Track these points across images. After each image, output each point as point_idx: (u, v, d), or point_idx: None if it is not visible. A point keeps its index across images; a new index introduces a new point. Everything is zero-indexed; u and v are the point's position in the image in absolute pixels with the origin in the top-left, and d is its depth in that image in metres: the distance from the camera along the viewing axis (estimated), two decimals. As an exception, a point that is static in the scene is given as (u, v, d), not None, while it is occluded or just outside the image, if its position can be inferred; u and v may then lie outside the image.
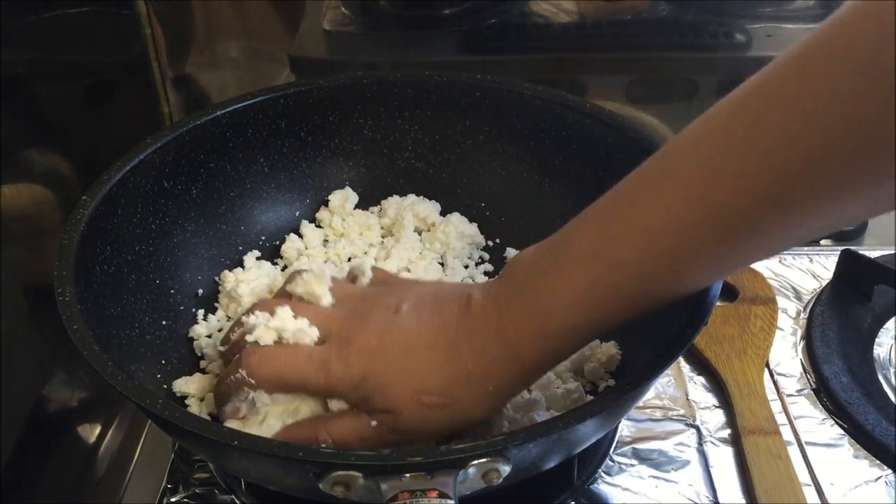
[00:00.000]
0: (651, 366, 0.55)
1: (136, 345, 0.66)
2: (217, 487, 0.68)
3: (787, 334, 0.81)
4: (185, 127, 0.73)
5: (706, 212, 0.46)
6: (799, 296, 0.85)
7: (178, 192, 0.73)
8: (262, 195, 0.79)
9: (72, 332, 0.56)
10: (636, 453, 0.70)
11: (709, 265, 0.50)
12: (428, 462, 0.49)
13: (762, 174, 0.43)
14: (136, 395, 0.53)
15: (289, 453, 0.50)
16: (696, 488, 0.68)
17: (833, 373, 0.75)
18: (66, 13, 0.91)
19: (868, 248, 0.88)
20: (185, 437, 0.57)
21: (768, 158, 0.43)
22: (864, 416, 0.71)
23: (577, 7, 1.02)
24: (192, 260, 0.74)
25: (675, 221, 0.47)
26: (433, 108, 0.80)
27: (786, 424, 0.72)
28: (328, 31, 1.04)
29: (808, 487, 0.67)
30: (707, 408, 0.74)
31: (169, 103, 1.04)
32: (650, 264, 0.49)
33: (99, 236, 0.65)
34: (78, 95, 0.97)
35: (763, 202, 0.44)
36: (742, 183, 0.44)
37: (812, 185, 0.42)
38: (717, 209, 0.45)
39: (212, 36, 1.04)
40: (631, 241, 0.49)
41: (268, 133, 0.77)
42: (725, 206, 0.45)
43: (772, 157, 0.42)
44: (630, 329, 0.68)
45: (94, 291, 0.62)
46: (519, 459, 0.51)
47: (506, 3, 1.03)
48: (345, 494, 0.50)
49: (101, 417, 0.80)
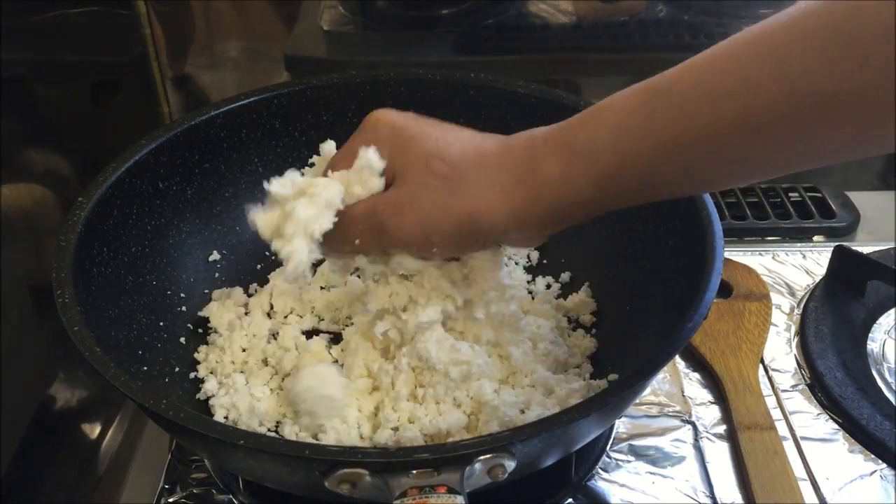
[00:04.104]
0: (653, 359, 0.56)
1: (134, 346, 0.66)
2: (214, 487, 0.68)
3: (782, 330, 0.81)
4: (180, 127, 0.74)
5: (722, 132, 0.47)
6: (793, 292, 0.86)
7: (173, 193, 0.74)
8: (257, 195, 0.78)
9: (72, 333, 0.56)
10: (633, 450, 0.71)
11: (716, 175, 0.52)
12: (435, 458, 0.49)
13: (782, 101, 0.45)
14: (139, 396, 0.54)
15: (295, 451, 0.50)
16: (692, 484, 0.68)
17: (827, 368, 0.75)
18: (66, 13, 0.91)
19: (861, 243, 0.89)
20: (189, 437, 0.57)
21: (791, 88, 0.44)
22: (858, 410, 0.72)
23: (573, 8, 1.03)
24: (189, 261, 0.75)
25: (691, 135, 0.48)
26: (427, 107, 0.79)
27: (781, 420, 0.73)
28: (326, 31, 1.05)
29: (804, 482, 0.67)
30: (703, 404, 0.75)
31: (168, 103, 1.05)
32: (659, 165, 0.51)
33: (96, 238, 0.65)
34: (78, 95, 0.97)
35: (775, 127, 0.46)
36: (759, 109, 0.46)
37: (827, 117, 0.44)
38: (731, 132, 0.47)
39: (211, 36, 1.05)
40: (644, 143, 0.50)
41: (262, 133, 0.78)
42: (740, 129, 0.47)
43: (794, 88, 0.44)
44: (631, 325, 0.69)
45: (93, 293, 0.63)
46: (523, 455, 0.51)
47: (503, 4, 1.04)
48: (351, 492, 0.50)
49: (100, 417, 0.81)
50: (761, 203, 0.98)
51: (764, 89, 0.45)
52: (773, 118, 0.45)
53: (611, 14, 1.03)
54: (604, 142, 0.51)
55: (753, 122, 0.46)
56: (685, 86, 0.49)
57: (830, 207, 0.97)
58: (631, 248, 0.73)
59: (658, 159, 0.50)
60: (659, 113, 0.49)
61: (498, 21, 1.03)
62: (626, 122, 0.51)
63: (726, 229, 0.66)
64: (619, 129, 0.51)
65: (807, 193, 0.99)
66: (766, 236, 0.95)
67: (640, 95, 0.51)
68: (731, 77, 0.46)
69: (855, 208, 0.97)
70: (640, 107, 0.50)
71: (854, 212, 0.96)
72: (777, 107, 0.45)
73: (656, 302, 0.68)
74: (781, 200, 0.98)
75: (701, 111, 0.47)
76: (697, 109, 0.48)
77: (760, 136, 0.46)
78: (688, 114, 0.48)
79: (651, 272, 0.70)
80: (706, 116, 0.47)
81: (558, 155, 0.53)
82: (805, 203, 0.98)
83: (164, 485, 0.69)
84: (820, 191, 0.99)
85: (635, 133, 0.50)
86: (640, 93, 0.51)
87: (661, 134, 0.49)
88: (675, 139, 0.49)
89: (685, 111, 0.48)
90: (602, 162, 0.52)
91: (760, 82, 0.45)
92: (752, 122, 0.46)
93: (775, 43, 0.45)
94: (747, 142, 0.47)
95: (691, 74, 0.49)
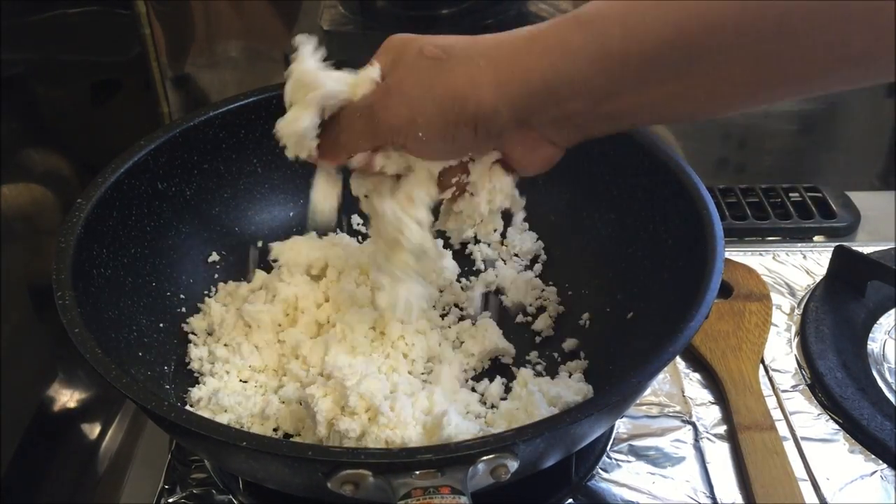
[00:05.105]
0: (654, 360, 0.56)
1: (135, 347, 0.66)
2: (214, 487, 0.68)
3: (782, 330, 0.81)
4: (178, 128, 0.74)
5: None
6: (793, 292, 0.86)
7: (172, 194, 0.74)
8: (256, 196, 0.80)
9: (73, 335, 0.56)
10: (633, 450, 0.71)
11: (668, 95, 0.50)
12: (438, 459, 0.49)
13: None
14: (141, 397, 0.54)
15: (298, 452, 0.51)
16: (692, 484, 0.68)
17: (827, 368, 0.75)
18: (66, 13, 0.91)
19: (861, 244, 0.89)
20: (191, 439, 0.57)
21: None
22: (858, 410, 0.72)
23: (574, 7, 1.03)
24: (188, 262, 0.75)
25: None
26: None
27: (781, 420, 0.73)
28: (326, 30, 1.05)
29: (804, 482, 0.67)
30: (703, 404, 0.75)
31: (168, 103, 1.05)
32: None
33: (95, 239, 0.65)
34: (78, 95, 0.97)
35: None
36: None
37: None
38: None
39: (211, 36, 1.05)
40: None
41: (260, 133, 0.77)
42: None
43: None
44: (632, 326, 0.69)
45: (93, 295, 0.63)
46: (526, 455, 0.51)
47: (503, 4, 1.04)
48: (354, 493, 0.50)
49: (100, 417, 0.81)
50: (761, 203, 0.98)
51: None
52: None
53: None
54: (613, 13, 0.49)
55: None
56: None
57: (831, 207, 0.97)
58: (631, 248, 0.73)
59: (668, 43, 0.48)
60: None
61: (498, 21, 1.03)
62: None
63: (726, 229, 0.66)
64: (630, 6, 0.49)
65: (807, 193, 0.99)
66: (767, 236, 0.94)
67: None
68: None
69: (855, 208, 0.97)
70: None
71: (854, 212, 0.96)
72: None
73: (657, 302, 0.68)
74: (782, 200, 0.98)
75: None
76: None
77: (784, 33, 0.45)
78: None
79: (651, 272, 0.70)
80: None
81: (560, 25, 0.51)
82: (805, 203, 0.98)
83: (163, 485, 0.69)
84: (820, 191, 0.99)
85: (649, 11, 0.48)
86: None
87: (676, 13, 0.47)
88: (691, 20, 0.47)
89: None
90: (608, 34, 0.49)
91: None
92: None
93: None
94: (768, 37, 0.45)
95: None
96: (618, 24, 0.49)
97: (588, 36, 0.50)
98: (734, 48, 0.46)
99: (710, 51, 0.47)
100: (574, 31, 0.51)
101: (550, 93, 0.52)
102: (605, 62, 0.50)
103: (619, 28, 0.49)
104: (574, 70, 0.50)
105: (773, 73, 0.47)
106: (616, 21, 0.49)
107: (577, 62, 0.50)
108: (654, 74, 0.49)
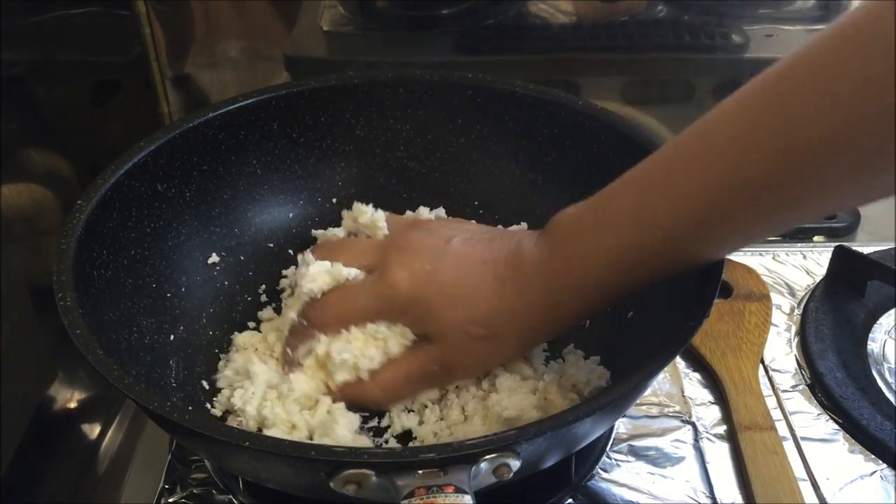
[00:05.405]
0: (654, 359, 0.56)
1: (135, 348, 0.66)
2: (214, 487, 0.68)
3: (782, 330, 0.81)
4: (178, 130, 0.73)
5: (733, 186, 0.49)
6: (793, 292, 0.86)
7: (171, 196, 0.74)
8: (256, 197, 0.79)
9: (75, 337, 0.56)
10: (633, 450, 0.71)
11: (733, 234, 0.53)
12: (440, 458, 0.49)
13: (787, 153, 0.46)
14: (143, 398, 0.53)
15: (301, 452, 0.50)
16: (692, 484, 0.68)
17: (827, 368, 0.75)
18: (66, 13, 0.91)
19: (861, 243, 0.89)
20: (193, 439, 0.57)
21: (793, 137, 0.45)
22: (858, 410, 0.72)
23: (574, 8, 1.03)
24: (188, 263, 0.75)
25: (704, 193, 0.50)
26: (425, 108, 0.80)
27: (781, 420, 0.73)
28: (326, 31, 1.05)
29: (804, 482, 0.67)
30: (703, 404, 0.75)
31: (168, 103, 1.05)
32: (681, 231, 0.52)
33: (95, 241, 0.65)
34: (78, 95, 0.97)
35: (785, 179, 0.47)
36: (769, 161, 0.47)
37: (832, 163, 0.45)
38: (743, 184, 0.48)
39: (211, 36, 1.04)
40: (663, 208, 0.52)
41: (260, 135, 0.78)
42: (751, 181, 0.48)
43: (796, 137, 0.45)
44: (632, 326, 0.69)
45: (93, 296, 0.63)
46: (528, 454, 0.51)
47: (503, 4, 1.03)
48: (357, 493, 0.50)
49: (100, 417, 0.81)
50: (761, 203, 0.97)
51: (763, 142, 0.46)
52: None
53: (611, 14, 1.02)
54: (613, 280, 0.56)
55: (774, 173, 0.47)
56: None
57: (831, 207, 0.97)
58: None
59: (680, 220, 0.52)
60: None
61: (498, 21, 1.03)
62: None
63: (726, 229, 0.65)
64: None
65: (807, 193, 0.99)
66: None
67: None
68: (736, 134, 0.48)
69: (855, 208, 0.97)
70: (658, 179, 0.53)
71: (854, 212, 0.96)
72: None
73: (657, 302, 0.68)
74: (781, 200, 0.98)
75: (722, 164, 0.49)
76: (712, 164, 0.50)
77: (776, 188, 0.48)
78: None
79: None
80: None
81: (573, 292, 0.58)
82: (805, 203, 0.98)
83: (164, 485, 0.69)
84: (820, 191, 0.99)
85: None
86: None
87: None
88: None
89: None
90: (614, 289, 0.57)
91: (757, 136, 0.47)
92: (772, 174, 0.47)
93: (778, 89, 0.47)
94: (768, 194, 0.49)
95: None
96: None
97: (602, 299, 0.59)
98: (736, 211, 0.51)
99: (712, 227, 0.53)
100: (584, 295, 0.58)
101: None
102: (628, 285, 0.58)
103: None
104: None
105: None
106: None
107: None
108: (670, 266, 0.56)
